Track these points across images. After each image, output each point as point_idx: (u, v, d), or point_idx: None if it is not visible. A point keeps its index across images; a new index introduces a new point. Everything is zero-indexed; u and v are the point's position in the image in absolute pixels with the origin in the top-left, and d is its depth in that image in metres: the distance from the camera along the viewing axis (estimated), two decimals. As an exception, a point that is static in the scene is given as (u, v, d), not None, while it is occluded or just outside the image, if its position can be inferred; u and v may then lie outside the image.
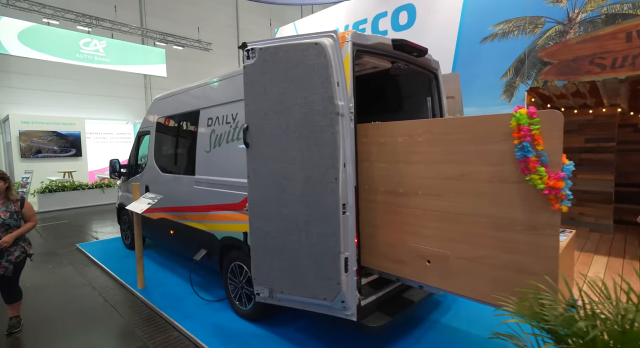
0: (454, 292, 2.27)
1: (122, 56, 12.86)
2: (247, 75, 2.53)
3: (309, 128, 2.33)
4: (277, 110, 2.44)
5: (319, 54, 2.26)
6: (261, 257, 2.61)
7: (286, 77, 2.38)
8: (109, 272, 4.93)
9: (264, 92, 2.47)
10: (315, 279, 2.41)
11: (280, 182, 2.46)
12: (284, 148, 2.43)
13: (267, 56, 2.43)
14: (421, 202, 2.36)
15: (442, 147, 2.21)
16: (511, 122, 1.86)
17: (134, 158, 5.63)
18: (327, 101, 2.26)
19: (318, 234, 2.36)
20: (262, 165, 2.53)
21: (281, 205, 2.47)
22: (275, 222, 2.51)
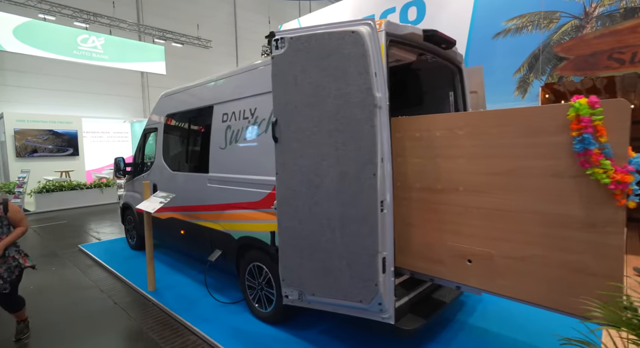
0: (498, 293, 2.16)
1: (120, 53, 12.62)
2: (276, 66, 2.39)
3: (344, 121, 2.21)
4: (308, 102, 2.31)
5: (356, 43, 2.13)
6: (291, 258, 2.48)
7: (319, 67, 2.25)
8: (116, 274, 4.77)
9: (295, 83, 2.34)
10: (351, 281, 2.28)
11: (312, 178, 2.33)
12: (317, 143, 2.30)
13: (299, 46, 2.30)
14: (462, 199, 2.24)
15: (487, 140, 2.10)
16: (569, 112, 1.75)
17: (139, 156, 5.46)
18: (365, 93, 2.13)
19: (354, 233, 2.23)
20: (292, 161, 2.40)
21: (313, 203, 2.35)
22: (307, 220, 2.38)
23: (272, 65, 2.41)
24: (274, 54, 2.40)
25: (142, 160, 5.40)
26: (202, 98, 4.08)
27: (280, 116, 2.41)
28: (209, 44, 16.15)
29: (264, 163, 3.16)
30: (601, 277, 1.74)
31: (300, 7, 23.55)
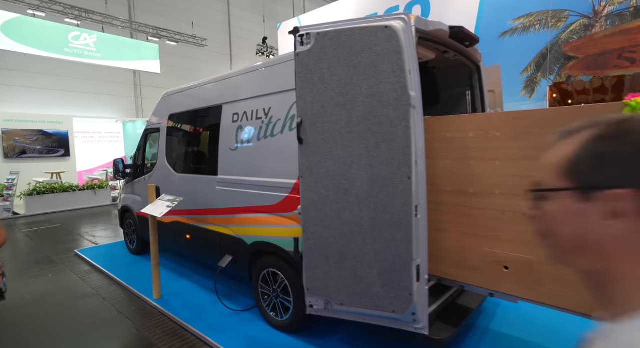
0: (538, 301, 2.06)
1: (114, 51, 12.29)
2: (301, 64, 2.26)
3: (376, 121, 2.09)
4: (337, 102, 2.18)
5: (390, 39, 2.01)
6: (317, 266, 2.34)
7: (349, 64, 2.12)
8: (118, 281, 4.57)
9: (322, 82, 2.21)
10: (383, 290, 2.17)
11: (341, 182, 2.21)
12: (346, 144, 2.18)
13: (327, 42, 2.17)
14: (499, 203, 2.14)
15: (528, 141, 2.00)
16: (624, 112, 1.66)
17: (140, 157, 5.26)
18: (399, 91, 2.01)
19: (387, 240, 2.12)
20: (318, 163, 2.27)
21: (342, 208, 2.22)
22: (335, 226, 2.25)
23: (296, 62, 2.28)
24: (298, 50, 2.26)
25: (142, 162, 5.20)
26: (210, 97, 3.92)
27: (306, 116, 2.28)
28: (204, 43, 15.86)
29: (280, 165, 3.03)
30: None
31: (294, 7, 23.39)
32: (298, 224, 2.88)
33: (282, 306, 3.18)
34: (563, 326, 3.11)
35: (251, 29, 20.74)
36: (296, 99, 2.32)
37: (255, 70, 3.32)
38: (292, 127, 2.93)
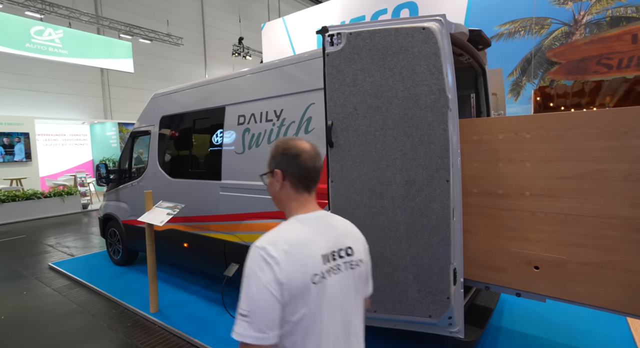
0: (570, 299, 2.11)
1: (82, 48, 11.54)
2: (332, 64, 2.18)
3: (413, 124, 2.05)
4: (370, 104, 2.12)
5: (427, 40, 1.99)
6: None
7: (384, 66, 2.07)
8: (106, 295, 4.24)
9: (354, 83, 2.14)
10: (419, 295, 2.13)
11: (375, 186, 2.15)
12: (380, 148, 2.12)
13: (359, 42, 2.11)
14: (529, 204, 2.17)
15: (559, 143, 2.04)
16: (659, 114, 1.73)
17: (126, 162, 4.93)
18: (437, 94, 1.99)
19: (424, 244, 2.08)
20: (350, 167, 2.19)
21: (376, 214, 2.16)
22: (368, 232, 2.16)
23: (326, 63, 2.20)
24: (328, 50, 2.18)
25: (129, 167, 4.87)
26: (210, 98, 3.73)
27: (337, 119, 2.20)
28: (180, 42, 15.29)
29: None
30: (694, 281, 1.73)
31: (269, 8, 23.16)
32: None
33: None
34: (568, 321, 3.23)
35: (226, 29, 20.27)
36: (325, 100, 2.23)
37: (265, 70, 3.20)
38: (309, 129, 2.84)
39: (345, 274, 1.06)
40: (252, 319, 0.91)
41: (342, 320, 1.04)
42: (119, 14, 14.55)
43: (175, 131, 4.25)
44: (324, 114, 2.27)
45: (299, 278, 0.94)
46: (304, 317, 0.95)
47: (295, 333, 0.96)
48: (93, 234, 7.86)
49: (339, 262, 1.05)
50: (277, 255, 0.93)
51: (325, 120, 2.26)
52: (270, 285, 0.91)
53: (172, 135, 4.27)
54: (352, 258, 1.10)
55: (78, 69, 13.08)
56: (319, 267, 0.98)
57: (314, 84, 2.79)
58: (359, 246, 1.15)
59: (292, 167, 1.07)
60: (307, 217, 1.07)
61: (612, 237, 1.93)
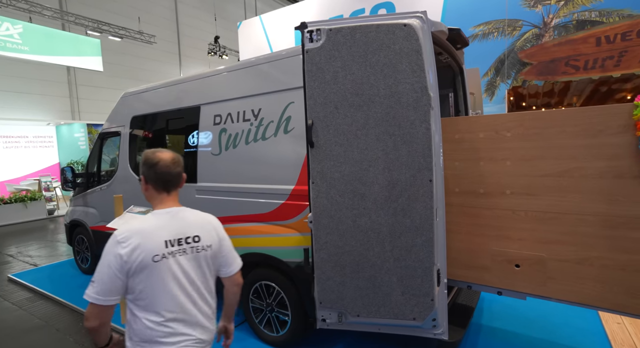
0: (550, 296, 2.13)
1: (45, 45, 10.88)
2: (312, 61, 2.10)
3: (395, 123, 2.00)
4: (352, 102, 2.06)
5: (409, 37, 1.95)
6: (330, 277, 2.20)
7: (365, 63, 2.02)
8: (72, 307, 3.98)
9: (335, 81, 2.07)
10: (403, 297, 2.09)
11: (357, 187, 2.09)
12: (362, 147, 2.07)
13: (340, 38, 2.04)
14: (509, 203, 2.18)
15: (538, 142, 2.06)
16: (635, 112, 1.76)
17: (94, 164, 4.65)
18: (419, 92, 1.95)
19: (407, 245, 2.04)
20: (332, 168, 2.13)
21: (358, 215, 2.10)
22: (350, 234, 2.13)
23: (305, 60, 2.12)
24: (308, 47, 2.11)
25: (97, 170, 4.60)
26: (184, 97, 3.56)
27: (317, 118, 2.12)
28: (153, 40, 14.75)
29: (275, 170, 2.82)
30: (667, 275, 1.78)
31: (245, 6, 22.82)
32: (298, 232, 2.71)
33: (277, 320, 2.97)
34: (544, 316, 3.31)
35: (202, 28, 19.79)
36: (305, 98, 2.15)
37: (242, 68, 3.07)
38: (288, 129, 2.75)
39: (192, 256, 1.42)
40: (97, 285, 1.27)
41: (189, 287, 1.40)
42: (86, 9, 13.86)
43: (148, 132, 4.04)
44: (304, 113, 2.19)
45: (140, 257, 1.28)
46: (147, 285, 1.31)
47: (143, 297, 1.31)
48: (60, 242, 7.42)
49: (184, 246, 1.40)
50: (125, 241, 1.29)
51: (305, 119, 2.18)
52: (113, 263, 1.26)
53: (144, 136, 4.06)
54: (198, 244, 1.44)
55: (42, 67, 12.36)
56: (161, 249, 1.33)
57: (292, 83, 2.71)
58: (206, 235, 1.47)
59: (151, 174, 1.42)
60: (161, 211, 1.43)
61: (589, 234, 1.96)
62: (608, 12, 4.99)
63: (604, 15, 5.10)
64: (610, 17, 4.97)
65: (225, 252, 1.56)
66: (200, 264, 1.45)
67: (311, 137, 2.13)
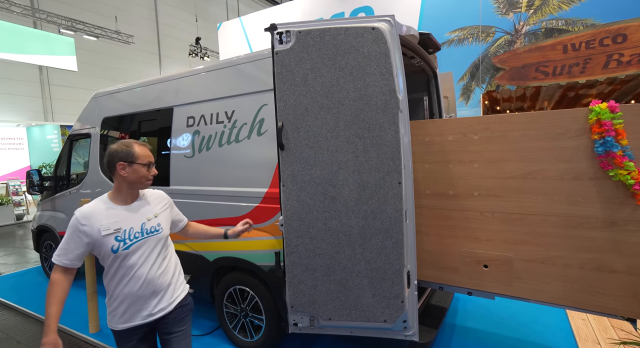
0: (515, 295, 2.18)
1: (14, 43, 10.44)
2: (281, 63, 2.09)
3: (364, 125, 2.01)
4: (321, 104, 2.06)
5: (377, 41, 1.96)
6: (302, 281, 2.18)
7: (334, 66, 2.02)
8: (36, 316, 3.80)
9: (304, 83, 2.07)
10: (374, 300, 2.09)
11: (328, 189, 2.09)
12: (332, 150, 2.06)
13: (309, 41, 2.04)
14: (477, 204, 2.23)
15: (503, 144, 2.11)
16: (590, 116, 1.83)
17: (63, 167, 4.47)
18: (388, 95, 1.97)
19: (377, 248, 2.05)
20: (302, 170, 2.11)
21: (328, 218, 2.10)
22: (322, 237, 2.12)
23: (275, 62, 2.11)
24: (277, 48, 2.09)
25: (67, 173, 4.43)
26: (156, 99, 3.48)
27: (287, 120, 2.11)
28: (131, 40, 14.40)
29: (248, 173, 2.79)
30: (622, 274, 1.85)
31: (227, 7, 22.64)
32: (272, 236, 2.68)
33: (252, 325, 2.92)
34: (513, 314, 3.39)
35: (182, 28, 19.48)
36: (275, 101, 2.13)
37: (215, 69, 3.03)
38: (261, 131, 2.72)
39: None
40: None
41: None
42: (60, 7, 13.41)
43: (119, 134, 3.92)
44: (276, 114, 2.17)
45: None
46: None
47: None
48: (28, 248, 7.10)
49: None
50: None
51: (275, 121, 2.17)
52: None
53: (114, 139, 3.94)
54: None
55: (11, 65, 11.85)
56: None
57: (266, 85, 2.69)
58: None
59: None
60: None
61: (552, 234, 2.02)
62: (573, 21, 5.22)
63: (569, 24, 5.33)
64: (575, 26, 5.20)
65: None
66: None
67: (281, 140, 2.11)
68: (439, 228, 2.39)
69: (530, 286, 2.12)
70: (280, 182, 2.17)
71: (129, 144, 1.72)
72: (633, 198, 1.79)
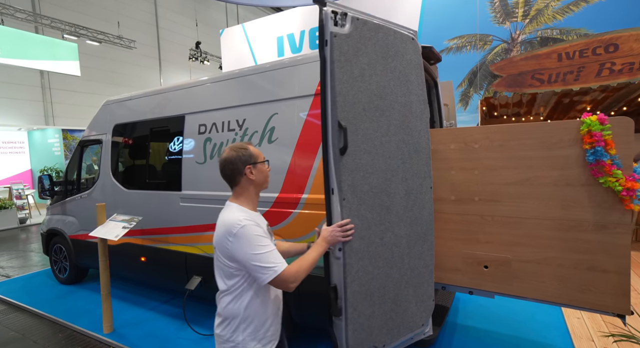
0: (515, 294, 2.32)
1: (18, 48, 10.55)
2: (340, 50, 1.73)
3: (408, 132, 2.06)
4: (377, 106, 1.88)
5: (416, 51, 2.10)
6: (361, 313, 1.80)
7: (387, 67, 1.92)
8: (50, 317, 3.90)
9: (362, 79, 1.84)
10: (416, 307, 2.07)
11: (383, 200, 1.89)
12: (386, 155, 1.90)
13: (366, 32, 1.84)
14: (478, 208, 2.37)
15: (502, 153, 2.26)
16: (581, 128, 1.99)
17: (74, 172, 4.59)
18: (423, 104, 2.13)
19: (418, 253, 2.09)
20: (362, 180, 1.82)
21: (384, 231, 1.89)
22: (379, 254, 1.88)
23: (334, 45, 1.71)
24: (334, 30, 1.71)
25: (77, 178, 4.55)
26: (169, 106, 3.62)
27: (347, 119, 1.76)
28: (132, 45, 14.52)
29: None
30: (612, 273, 2.00)
31: (227, 12, 22.83)
32: (282, 239, 2.81)
33: (262, 325, 3.04)
34: (512, 313, 3.53)
35: (182, 33, 19.63)
36: (332, 94, 1.73)
37: (227, 79, 3.17)
38: (272, 139, 2.86)
39: None
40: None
41: None
42: (63, 13, 13.53)
43: (131, 140, 4.05)
44: (323, 111, 1.74)
45: None
46: None
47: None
48: (33, 252, 7.18)
49: None
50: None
51: (328, 118, 1.74)
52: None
53: (127, 145, 4.07)
54: None
55: (12, 69, 11.93)
56: None
57: (277, 94, 2.83)
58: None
59: None
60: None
61: (546, 236, 2.16)
62: (567, 30, 5.41)
63: (564, 34, 5.52)
64: (569, 35, 5.39)
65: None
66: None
67: (347, 141, 1.75)
68: (442, 231, 2.53)
69: (527, 285, 2.26)
70: (332, 194, 1.76)
71: (244, 146, 1.60)
72: (621, 203, 1.94)
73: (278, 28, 8.33)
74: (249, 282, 1.48)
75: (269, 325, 1.55)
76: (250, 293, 1.49)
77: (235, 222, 1.43)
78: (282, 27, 8.28)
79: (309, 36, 7.88)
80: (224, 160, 1.57)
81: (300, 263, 1.48)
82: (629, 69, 4.80)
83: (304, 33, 7.91)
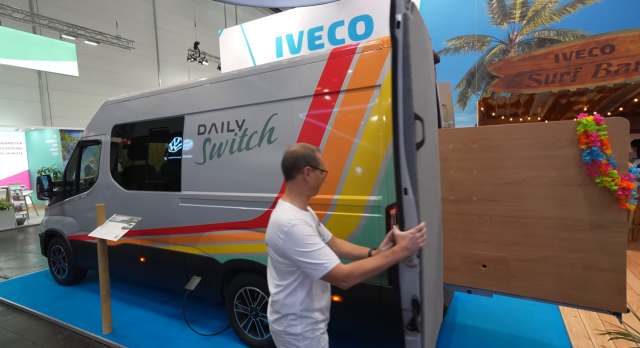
0: (512, 293, 2.34)
1: (15, 48, 10.51)
2: (412, 35, 1.50)
3: (434, 132, 2.13)
4: (426, 102, 1.77)
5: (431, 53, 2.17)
6: (429, 323, 1.71)
7: (423, 64, 1.78)
8: (49, 318, 3.89)
9: (425, 69, 1.78)
10: (439, 302, 2.17)
11: (429, 199, 1.79)
12: (428, 154, 1.82)
13: (418, 22, 1.70)
14: (476, 208, 2.39)
15: (500, 153, 2.28)
16: (578, 128, 2.01)
17: (72, 173, 4.59)
18: (435, 105, 2.19)
19: (439, 250, 2.19)
20: (427, 178, 1.73)
21: (432, 232, 1.78)
22: (432, 258, 1.81)
23: (404, 29, 1.45)
24: (409, 13, 1.48)
25: (76, 179, 4.55)
26: (168, 107, 3.62)
27: (419, 109, 1.53)
28: (131, 45, 14.50)
29: (259, 179, 2.93)
30: (608, 272, 2.02)
31: (225, 13, 22.82)
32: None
33: (261, 324, 3.06)
34: (510, 312, 3.56)
35: (181, 33, 19.62)
36: (406, 82, 1.43)
37: (227, 79, 3.18)
38: (271, 140, 2.87)
39: None
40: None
41: None
42: (61, 13, 13.50)
43: (130, 141, 4.06)
44: (394, 100, 1.43)
45: None
46: None
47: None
48: (31, 253, 7.16)
49: None
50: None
51: (399, 108, 1.43)
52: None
53: (126, 145, 4.07)
54: None
55: (9, 70, 11.88)
56: None
57: (276, 95, 2.85)
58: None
59: None
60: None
61: (544, 236, 2.19)
62: (564, 31, 5.46)
63: (561, 35, 5.56)
64: (566, 36, 5.43)
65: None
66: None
67: (424, 135, 1.57)
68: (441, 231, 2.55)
69: (525, 284, 2.29)
70: (406, 194, 1.46)
71: (313, 149, 1.63)
72: (617, 202, 1.97)
73: (277, 29, 8.34)
74: (302, 278, 1.54)
75: (322, 318, 1.63)
76: (304, 288, 1.55)
77: (286, 221, 1.47)
78: (280, 28, 8.29)
79: (307, 37, 7.90)
80: (291, 153, 1.61)
81: (357, 266, 1.44)
82: (625, 70, 4.85)
83: (302, 34, 7.92)
